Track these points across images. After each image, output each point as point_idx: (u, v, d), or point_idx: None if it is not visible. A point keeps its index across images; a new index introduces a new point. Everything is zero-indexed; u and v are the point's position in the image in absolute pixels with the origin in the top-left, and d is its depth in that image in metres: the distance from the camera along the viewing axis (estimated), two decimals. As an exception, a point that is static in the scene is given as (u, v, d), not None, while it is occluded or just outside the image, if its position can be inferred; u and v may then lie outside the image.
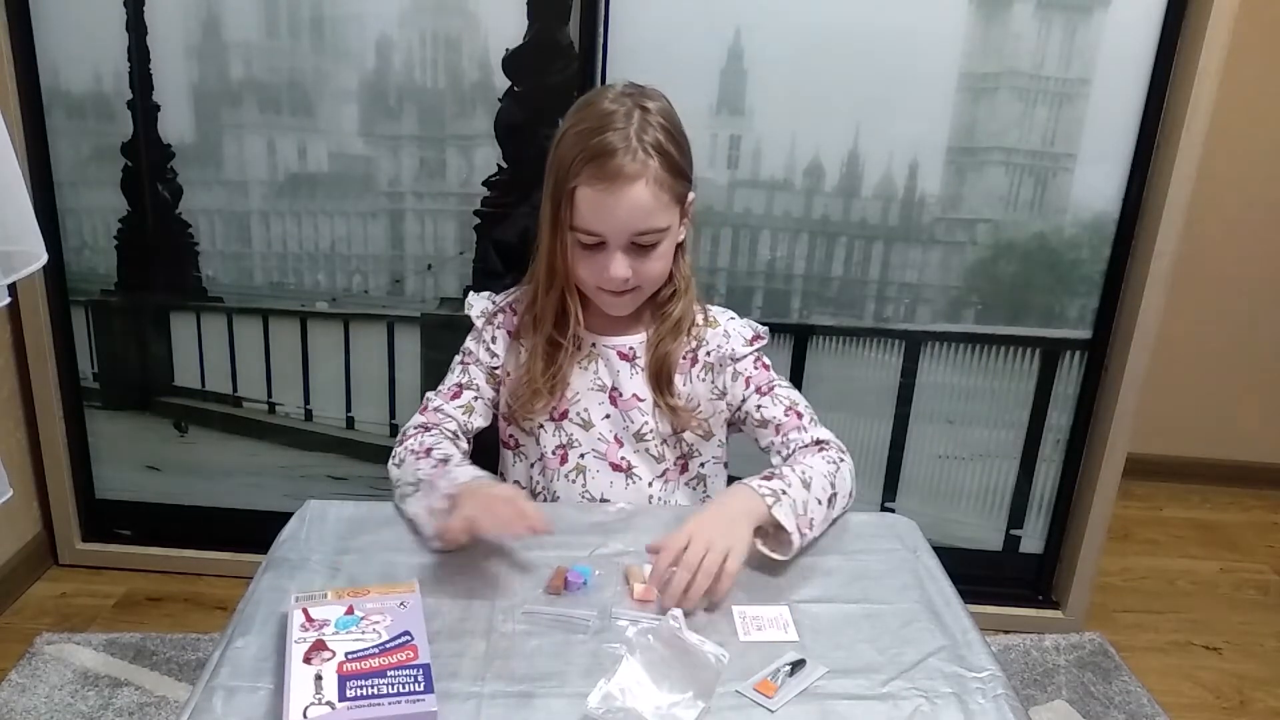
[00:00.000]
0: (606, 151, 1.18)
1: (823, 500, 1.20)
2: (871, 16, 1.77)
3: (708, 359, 1.34)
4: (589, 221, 1.21)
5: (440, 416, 1.32)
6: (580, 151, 1.19)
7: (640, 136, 1.19)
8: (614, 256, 1.22)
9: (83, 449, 2.15)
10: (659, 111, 1.23)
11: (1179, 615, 2.22)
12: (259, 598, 1.06)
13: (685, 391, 1.33)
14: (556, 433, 1.34)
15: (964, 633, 1.05)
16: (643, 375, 1.33)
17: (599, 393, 1.33)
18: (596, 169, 1.18)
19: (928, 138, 1.85)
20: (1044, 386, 2.00)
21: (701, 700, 0.90)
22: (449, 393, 1.35)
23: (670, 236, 1.25)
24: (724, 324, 1.36)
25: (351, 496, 1.79)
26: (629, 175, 1.18)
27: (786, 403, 1.32)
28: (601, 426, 1.33)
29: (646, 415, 1.32)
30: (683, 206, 1.27)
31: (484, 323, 1.37)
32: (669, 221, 1.23)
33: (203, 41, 1.86)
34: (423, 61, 1.85)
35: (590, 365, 1.33)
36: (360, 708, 0.85)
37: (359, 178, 1.93)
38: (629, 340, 1.33)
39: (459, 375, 1.36)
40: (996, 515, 2.10)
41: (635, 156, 1.18)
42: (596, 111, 1.22)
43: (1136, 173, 1.85)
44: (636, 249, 1.23)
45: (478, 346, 1.36)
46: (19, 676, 1.82)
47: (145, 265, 2.02)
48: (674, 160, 1.21)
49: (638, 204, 1.19)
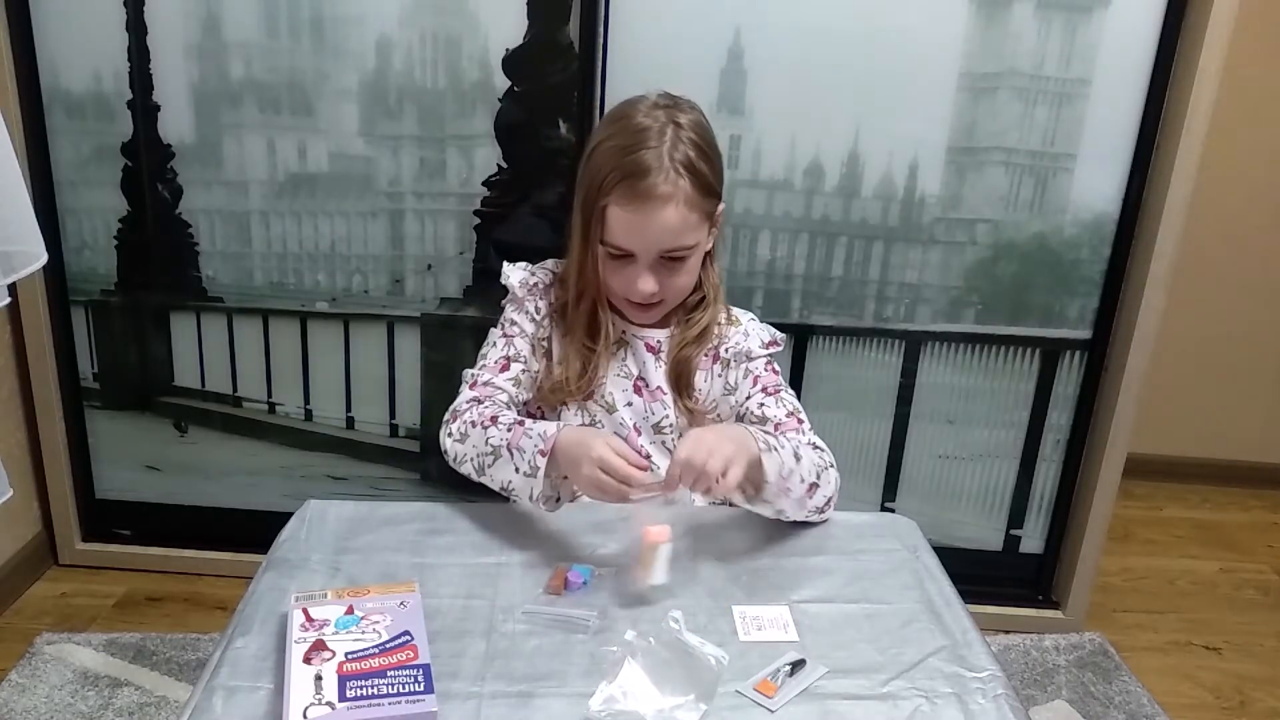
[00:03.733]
0: (639, 171, 1.19)
1: (805, 480, 1.19)
2: (871, 17, 1.77)
3: (725, 355, 1.36)
4: (619, 239, 1.22)
5: (491, 390, 1.31)
6: (613, 169, 1.20)
7: (673, 155, 1.20)
8: (642, 272, 1.24)
9: (83, 449, 2.15)
10: (692, 126, 1.24)
11: (1179, 615, 2.22)
12: (259, 598, 1.06)
13: (705, 389, 1.35)
14: (579, 412, 1.34)
15: (964, 633, 1.05)
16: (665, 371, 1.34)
17: (625, 379, 1.34)
18: (628, 189, 1.19)
19: (928, 138, 1.85)
20: (1044, 386, 2.00)
21: (703, 702, 0.90)
22: (497, 366, 1.33)
23: (698, 252, 1.27)
24: (745, 324, 1.39)
25: (351, 496, 1.79)
26: (661, 197, 1.19)
27: (790, 407, 1.33)
28: (624, 413, 1.34)
29: (668, 409, 1.34)
30: (711, 218, 1.28)
31: (527, 293, 1.36)
32: (698, 239, 1.25)
33: (203, 41, 1.86)
34: (423, 61, 1.85)
35: (620, 352, 1.34)
36: (360, 708, 0.85)
37: (359, 178, 1.93)
38: (657, 333, 1.35)
39: (504, 349, 1.34)
40: (996, 515, 2.10)
41: (667, 177, 1.19)
42: (630, 126, 1.22)
43: (1136, 173, 1.85)
44: (665, 264, 1.24)
45: (523, 318, 1.35)
46: (19, 676, 1.82)
47: (145, 265, 2.02)
48: (705, 179, 1.23)
49: (668, 225, 1.21)
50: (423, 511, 1.25)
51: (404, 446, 2.11)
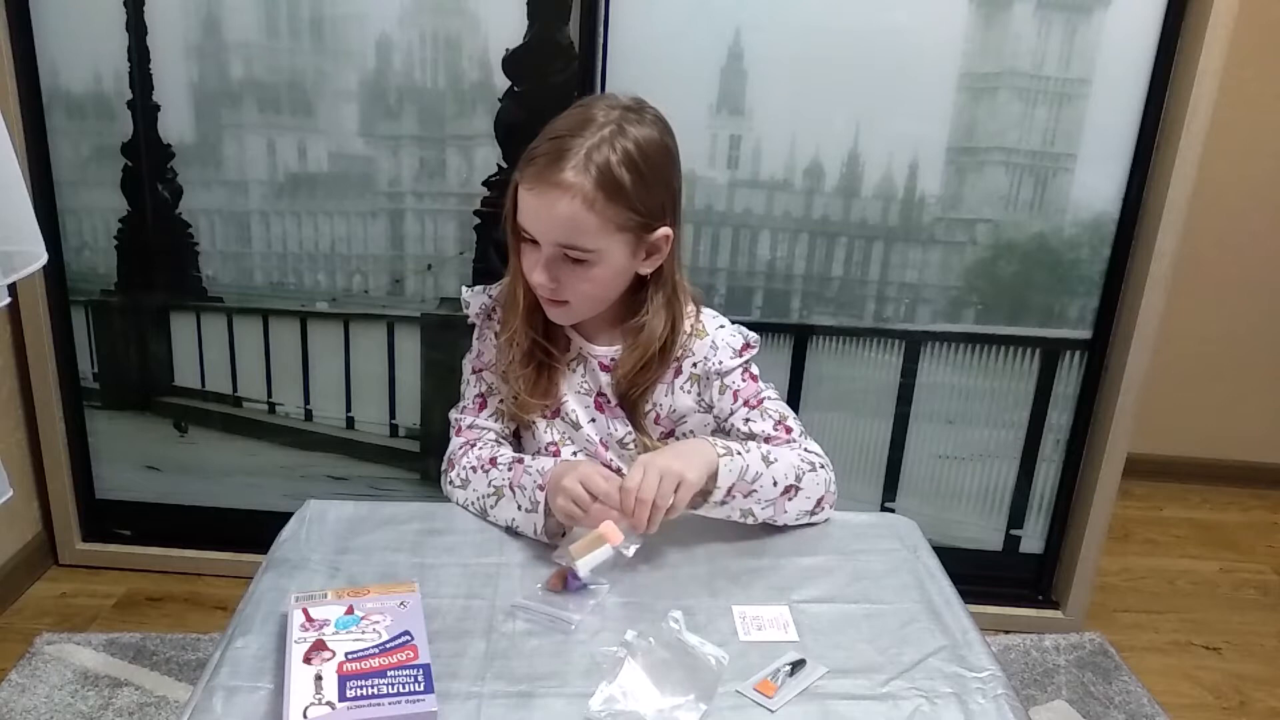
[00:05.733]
0: (554, 154, 1.16)
1: (779, 483, 1.19)
2: (871, 17, 1.77)
3: (694, 370, 1.31)
4: (521, 218, 1.20)
5: (478, 432, 1.33)
6: (537, 148, 1.19)
7: (592, 153, 1.15)
8: (540, 261, 1.20)
9: (83, 449, 2.15)
10: (637, 138, 1.17)
11: (1179, 615, 2.22)
12: (259, 598, 1.06)
13: (666, 403, 1.31)
14: (549, 429, 1.34)
15: (964, 633, 1.05)
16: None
17: (585, 396, 1.32)
18: (536, 169, 1.17)
19: (928, 138, 1.85)
20: (1044, 386, 2.00)
21: (703, 702, 0.90)
22: (474, 407, 1.35)
23: (607, 264, 1.20)
24: (712, 334, 1.31)
25: (351, 496, 1.79)
26: (558, 184, 1.15)
27: (775, 417, 1.29)
28: (588, 429, 1.33)
29: (629, 425, 1.32)
30: (639, 238, 1.21)
31: (483, 319, 1.36)
32: (601, 246, 1.18)
33: (203, 41, 1.86)
34: (423, 61, 1.85)
35: (578, 368, 1.33)
36: (360, 708, 0.85)
37: (359, 178, 1.93)
38: (610, 351, 1.31)
39: (476, 387, 1.35)
40: (996, 515, 2.10)
41: (576, 170, 1.15)
42: (580, 115, 1.20)
43: (1136, 173, 1.85)
44: (566, 262, 1.20)
45: (484, 345, 1.35)
46: (19, 676, 1.82)
47: (145, 265, 2.02)
48: (620, 188, 1.16)
49: (560, 215, 1.16)
50: (423, 511, 1.25)
51: (404, 446, 2.11)
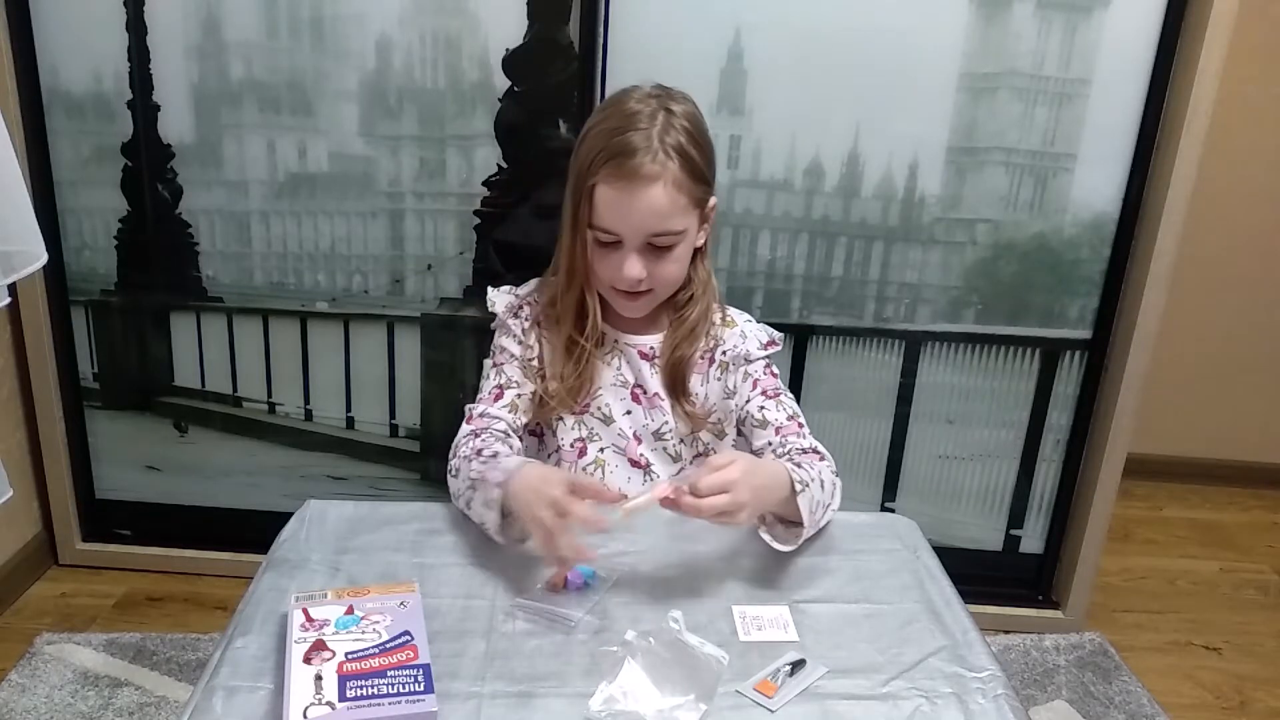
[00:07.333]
0: (627, 151, 1.18)
1: (824, 505, 1.20)
2: (871, 17, 1.77)
3: (723, 358, 1.35)
4: (606, 220, 1.21)
5: (487, 420, 1.31)
6: (601, 150, 1.19)
7: (662, 138, 1.19)
8: (629, 256, 1.22)
9: (83, 449, 2.15)
10: (684, 115, 1.22)
11: (1179, 615, 2.22)
12: (259, 598, 1.06)
13: (702, 392, 1.34)
14: (576, 426, 1.34)
15: (964, 633, 1.05)
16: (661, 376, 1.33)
17: (621, 388, 1.34)
18: (616, 168, 1.18)
19: (928, 138, 1.85)
20: (1044, 386, 2.00)
21: (703, 702, 0.90)
22: (490, 397, 1.34)
23: (687, 240, 1.25)
24: (741, 325, 1.37)
25: (351, 496, 1.80)
26: (648, 176, 1.18)
27: (790, 411, 1.33)
28: (622, 422, 1.33)
29: (667, 415, 1.33)
30: (702, 211, 1.26)
31: (510, 316, 1.36)
32: (686, 225, 1.23)
33: (203, 41, 1.86)
34: (423, 61, 1.85)
35: (614, 361, 1.34)
36: (360, 708, 0.85)
37: (359, 178, 1.93)
38: (649, 339, 1.34)
39: (496, 378, 1.35)
40: (996, 515, 2.10)
41: (655, 158, 1.18)
42: (621, 111, 1.22)
43: (1136, 173, 1.85)
44: (652, 250, 1.23)
45: (510, 341, 1.35)
46: (19, 676, 1.82)
47: (145, 265, 2.02)
48: (695, 164, 1.21)
49: (655, 205, 1.19)
50: (423, 511, 1.25)
51: (404, 446, 2.11)
